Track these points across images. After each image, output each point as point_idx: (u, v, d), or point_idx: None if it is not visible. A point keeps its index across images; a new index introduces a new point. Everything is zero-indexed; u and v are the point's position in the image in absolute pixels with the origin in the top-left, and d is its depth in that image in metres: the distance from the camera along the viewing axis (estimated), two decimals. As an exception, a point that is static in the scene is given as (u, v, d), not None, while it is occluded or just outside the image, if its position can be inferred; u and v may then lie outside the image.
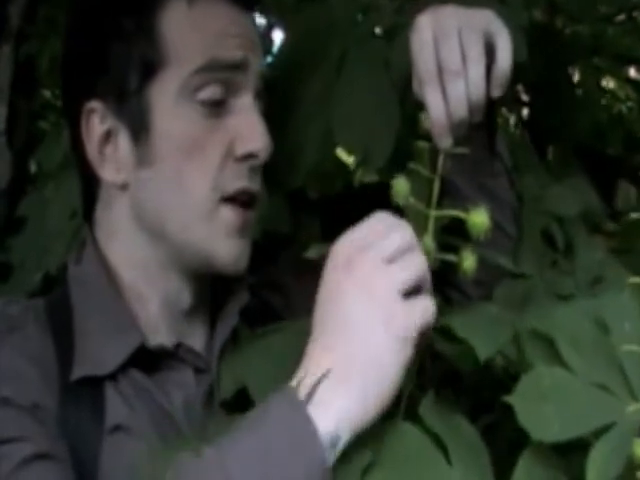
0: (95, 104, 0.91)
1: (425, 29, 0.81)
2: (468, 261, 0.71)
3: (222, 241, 0.90)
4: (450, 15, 0.81)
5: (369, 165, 1.00)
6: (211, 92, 0.89)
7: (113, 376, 0.87)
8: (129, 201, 0.92)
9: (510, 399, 0.62)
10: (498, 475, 0.67)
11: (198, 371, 0.92)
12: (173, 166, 0.89)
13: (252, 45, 0.92)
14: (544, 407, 0.63)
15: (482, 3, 0.99)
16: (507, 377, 0.67)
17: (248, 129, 0.89)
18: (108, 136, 0.91)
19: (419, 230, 0.71)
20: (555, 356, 0.63)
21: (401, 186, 0.71)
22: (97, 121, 0.91)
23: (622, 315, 0.64)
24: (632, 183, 2.12)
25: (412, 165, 0.74)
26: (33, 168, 2.24)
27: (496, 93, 0.81)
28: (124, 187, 0.92)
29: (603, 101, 2.13)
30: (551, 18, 1.91)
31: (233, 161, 0.89)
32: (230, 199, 0.90)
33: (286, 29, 1.95)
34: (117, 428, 0.84)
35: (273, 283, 1.05)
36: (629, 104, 2.22)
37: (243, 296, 0.96)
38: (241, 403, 0.79)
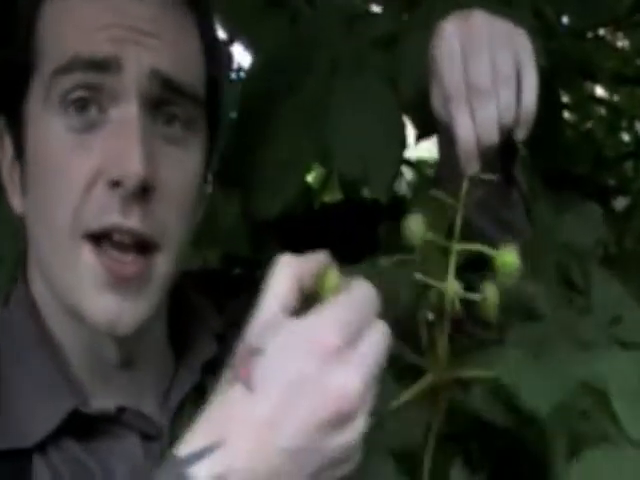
0: (1, 121, 0.78)
1: (452, 38, 0.72)
2: (491, 301, 0.62)
3: (90, 294, 0.71)
4: (480, 24, 0.72)
5: (373, 191, 0.90)
6: (74, 96, 0.71)
7: (42, 447, 0.72)
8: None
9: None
10: None
11: (147, 438, 0.76)
12: (40, 194, 0.73)
13: (137, 37, 0.72)
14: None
15: (486, 5, 0.92)
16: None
17: (118, 149, 0.70)
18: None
19: (436, 266, 0.62)
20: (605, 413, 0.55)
21: (416, 223, 0.62)
22: (8, 140, 0.77)
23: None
24: (600, 204, 2.08)
25: (433, 192, 0.65)
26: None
27: (521, 135, 0.73)
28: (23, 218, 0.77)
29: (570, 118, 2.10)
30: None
31: (104, 189, 0.70)
32: (99, 238, 0.71)
33: (250, 42, 1.87)
34: None
35: (244, 320, 0.91)
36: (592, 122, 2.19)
37: (207, 348, 0.81)
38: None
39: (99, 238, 0.71)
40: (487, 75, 0.70)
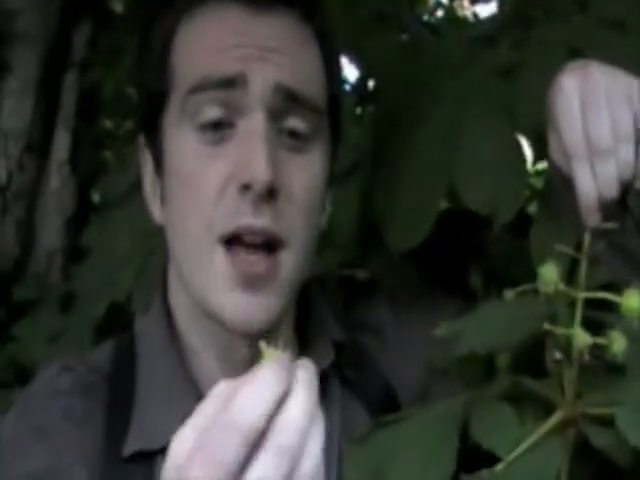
0: (143, 139, 0.87)
1: (572, 94, 0.75)
2: (618, 343, 0.66)
3: (223, 294, 0.78)
4: (598, 79, 0.74)
5: (497, 220, 0.95)
6: (207, 115, 0.78)
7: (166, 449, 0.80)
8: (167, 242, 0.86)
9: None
10: None
11: None
12: (177, 203, 0.81)
13: (262, 54, 0.78)
14: None
15: (601, 34, 0.97)
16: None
17: (245, 156, 0.76)
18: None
19: (565, 312, 0.66)
20: None
21: (550, 273, 0.66)
22: (149, 157, 0.86)
23: None
24: None
25: (558, 246, 0.69)
26: (96, 198, 2.24)
27: None
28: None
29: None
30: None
31: (235, 194, 0.77)
32: (231, 241, 0.77)
33: (358, 56, 1.93)
34: None
35: (367, 325, 0.96)
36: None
37: (326, 355, 0.87)
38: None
39: (231, 241, 0.77)
40: (607, 134, 0.73)
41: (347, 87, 2.20)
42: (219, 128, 0.78)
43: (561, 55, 0.97)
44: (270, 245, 0.78)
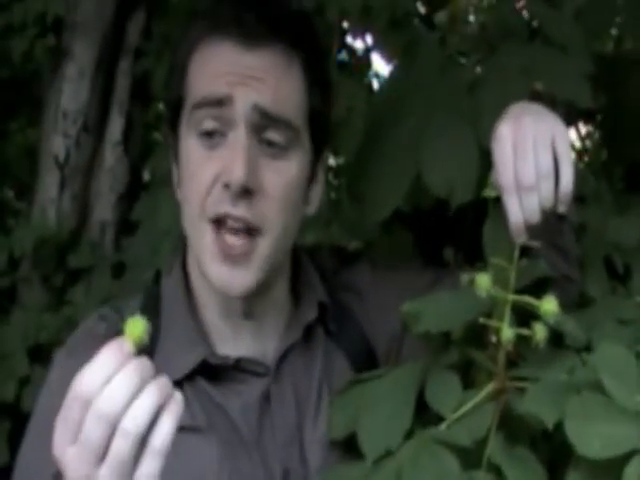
0: (169, 132, 1.07)
1: (506, 140, 0.93)
2: (539, 334, 0.83)
3: (209, 264, 0.99)
4: (528, 128, 0.92)
5: (452, 202, 1.16)
6: (205, 125, 0.98)
7: (178, 383, 0.97)
8: None
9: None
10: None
11: (258, 375, 1.05)
12: (184, 190, 1.02)
13: (245, 81, 0.98)
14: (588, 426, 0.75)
15: (548, 55, 1.17)
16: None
17: (229, 161, 0.97)
18: None
19: (500, 311, 0.84)
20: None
21: (483, 281, 0.84)
22: (171, 149, 1.07)
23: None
24: None
25: (494, 259, 0.87)
26: (146, 176, 2.42)
27: (562, 209, 0.93)
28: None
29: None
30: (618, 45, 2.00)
31: (220, 189, 0.98)
32: (217, 222, 0.98)
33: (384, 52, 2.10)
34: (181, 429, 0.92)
35: (350, 286, 1.16)
36: None
37: (311, 312, 1.08)
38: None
39: (219, 223, 0.99)
40: (532, 174, 0.91)
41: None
42: (214, 136, 0.99)
43: (515, 73, 1.18)
44: (249, 231, 0.99)
